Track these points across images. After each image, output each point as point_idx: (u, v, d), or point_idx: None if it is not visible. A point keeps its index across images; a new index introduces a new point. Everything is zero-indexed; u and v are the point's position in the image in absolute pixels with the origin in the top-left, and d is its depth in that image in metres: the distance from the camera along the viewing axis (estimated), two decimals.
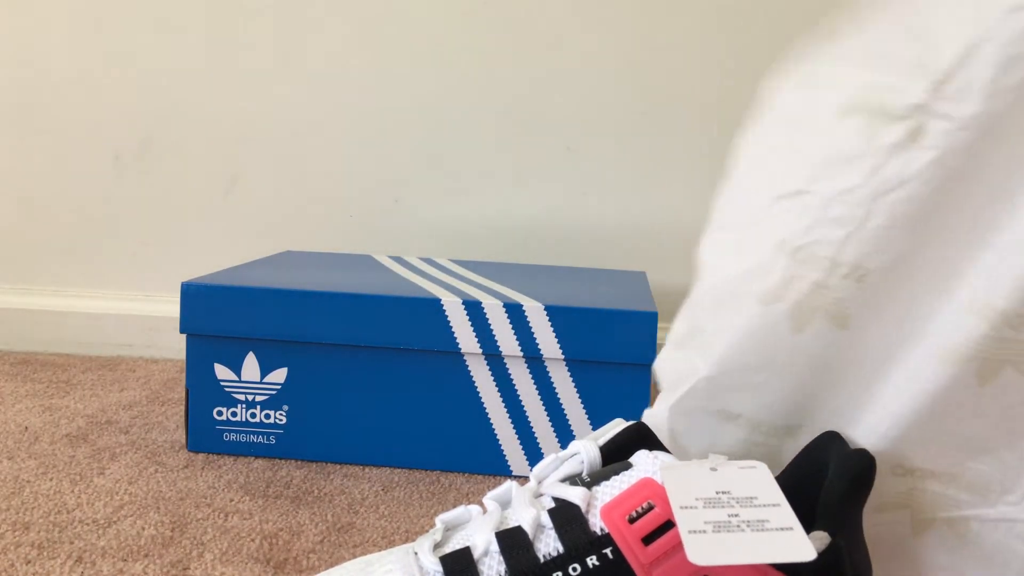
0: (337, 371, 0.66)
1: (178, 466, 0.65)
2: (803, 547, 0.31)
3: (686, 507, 0.32)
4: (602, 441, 0.40)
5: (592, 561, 0.33)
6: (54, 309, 0.97)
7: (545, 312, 0.64)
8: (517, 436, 0.66)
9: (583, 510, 0.34)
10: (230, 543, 0.53)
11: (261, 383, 0.67)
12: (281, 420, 0.67)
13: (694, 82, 0.92)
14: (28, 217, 0.97)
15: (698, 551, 0.31)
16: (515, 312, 0.64)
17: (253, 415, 0.67)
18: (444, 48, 0.93)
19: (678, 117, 0.93)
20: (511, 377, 0.66)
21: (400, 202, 0.96)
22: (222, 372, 0.67)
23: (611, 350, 0.64)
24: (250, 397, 0.67)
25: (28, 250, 0.98)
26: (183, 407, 0.79)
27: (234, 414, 0.67)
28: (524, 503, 0.36)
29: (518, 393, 0.66)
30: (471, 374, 0.66)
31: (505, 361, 0.65)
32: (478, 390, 0.66)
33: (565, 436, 0.66)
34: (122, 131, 0.95)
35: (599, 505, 0.34)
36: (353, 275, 0.74)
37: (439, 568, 0.34)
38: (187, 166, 0.96)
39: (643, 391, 0.64)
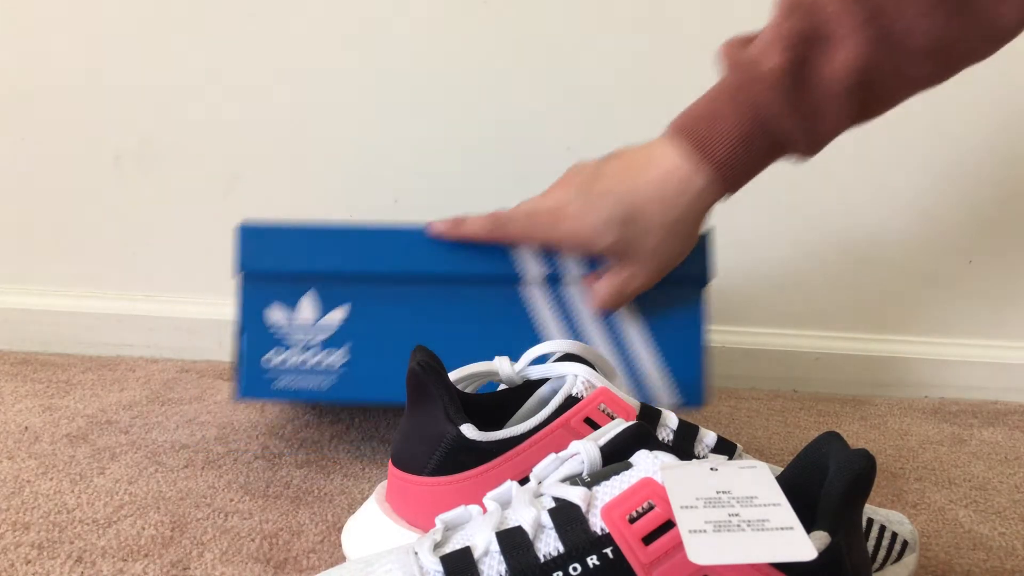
0: (395, 309, 0.65)
1: (178, 466, 0.65)
2: (803, 547, 0.31)
3: (686, 507, 0.32)
4: (602, 441, 0.40)
5: (592, 561, 0.33)
6: (54, 309, 0.97)
7: None
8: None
9: (583, 510, 0.34)
10: (230, 543, 0.53)
11: (317, 325, 0.65)
12: (337, 363, 0.65)
13: (695, 82, 0.92)
14: (28, 217, 0.97)
15: (698, 551, 0.31)
16: None
17: (308, 359, 0.65)
18: (444, 48, 0.93)
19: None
20: (569, 302, 0.65)
21: (400, 202, 0.96)
22: (276, 314, 0.65)
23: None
24: (306, 340, 0.65)
25: (28, 250, 0.98)
26: (182, 407, 0.79)
27: (288, 358, 0.65)
28: (524, 503, 0.36)
29: (577, 318, 0.65)
30: (531, 302, 0.65)
31: (564, 286, 0.65)
32: (538, 317, 0.65)
33: (627, 360, 0.65)
34: (122, 131, 0.95)
35: (599, 505, 0.34)
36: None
37: (439, 568, 0.34)
38: (187, 166, 0.96)
39: (697, 309, 0.65)
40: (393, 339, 0.65)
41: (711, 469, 0.35)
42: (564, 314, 0.65)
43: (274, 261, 0.65)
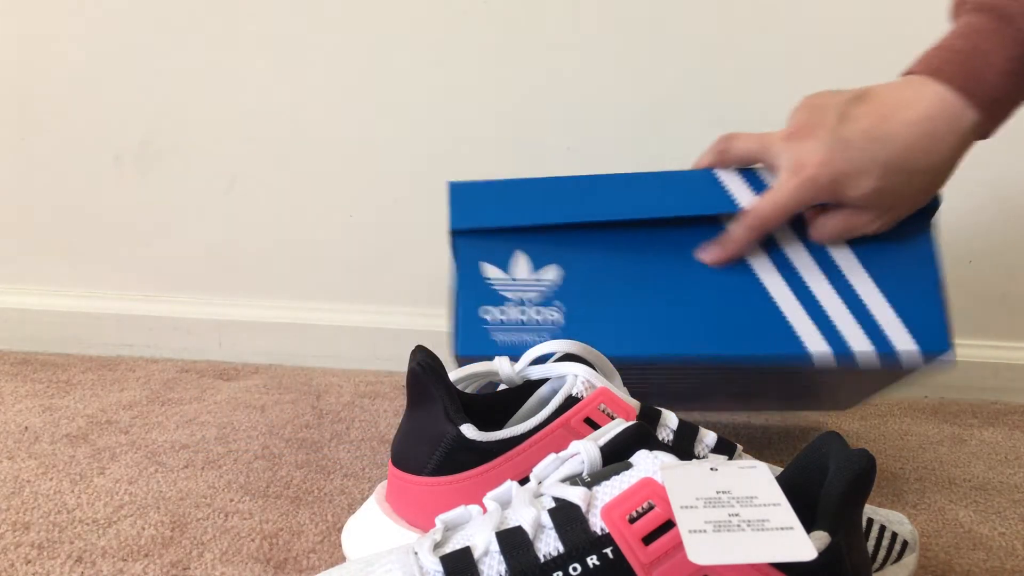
0: (610, 259, 0.63)
1: (178, 466, 0.65)
2: (803, 547, 0.31)
3: (686, 507, 0.32)
4: (602, 441, 0.40)
5: (592, 561, 0.33)
6: (54, 309, 0.97)
7: None
8: (806, 311, 0.62)
9: (583, 510, 0.34)
10: (230, 543, 0.53)
11: (532, 279, 0.63)
12: (556, 316, 0.63)
13: (695, 82, 0.92)
14: (28, 217, 0.97)
15: (698, 551, 0.31)
16: None
17: (525, 313, 0.63)
18: (444, 48, 0.93)
19: (679, 117, 0.93)
20: (788, 254, 0.63)
21: (400, 202, 0.96)
22: (490, 271, 0.63)
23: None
24: (522, 295, 0.63)
25: (28, 250, 0.98)
26: (182, 407, 0.79)
27: (504, 313, 0.63)
28: (524, 503, 0.36)
29: (797, 268, 0.62)
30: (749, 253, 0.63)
31: (778, 237, 0.62)
32: (756, 268, 0.63)
33: (855, 305, 0.62)
34: (122, 131, 0.95)
35: (599, 505, 0.34)
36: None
37: (439, 568, 0.34)
38: (187, 166, 0.96)
39: (928, 241, 0.62)
40: (610, 289, 0.63)
41: (711, 469, 0.35)
42: (782, 258, 0.63)
43: (486, 217, 0.64)
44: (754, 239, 0.61)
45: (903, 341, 0.61)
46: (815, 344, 0.62)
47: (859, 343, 0.61)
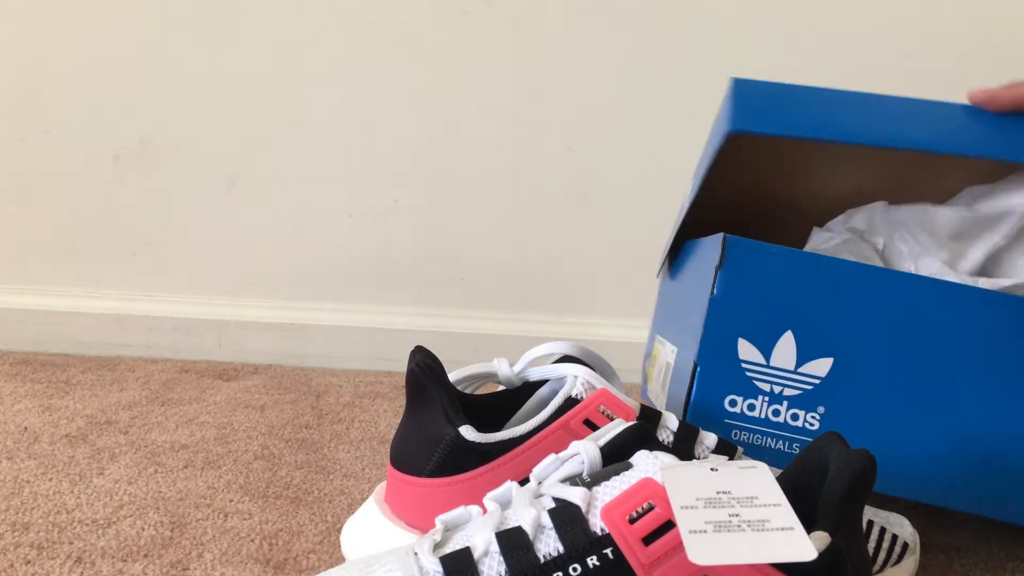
0: (898, 369, 0.51)
1: (177, 466, 0.65)
2: (804, 547, 0.31)
3: (686, 507, 0.32)
4: (602, 441, 0.40)
5: (592, 561, 0.33)
6: (54, 309, 0.97)
7: None
8: None
9: (583, 510, 0.34)
10: (230, 543, 0.53)
11: (796, 372, 0.52)
12: (813, 425, 0.52)
13: (695, 82, 0.92)
14: (28, 217, 0.97)
15: (698, 551, 0.31)
16: None
17: (777, 412, 0.52)
18: (444, 47, 0.93)
19: (679, 117, 0.93)
20: None
21: (400, 202, 0.96)
22: (747, 351, 0.52)
23: None
24: (778, 389, 0.52)
25: (28, 250, 0.98)
26: (181, 407, 0.79)
27: (752, 407, 0.52)
28: (524, 503, 0.36)
29: None
30: None
31: None
32: None
33: None
34: (122, 131, 0.95)
35: (599, 505, 0.34)
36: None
37: (439, 568, 0.34)
38: (187, 166, 0.96)
39: None
40: (883, 409, 0.51)
41: (711, 469, 0.35)
42: None
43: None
44: None
45: None
46: None
47: None
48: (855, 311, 0.51)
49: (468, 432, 0.46)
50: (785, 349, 0.52)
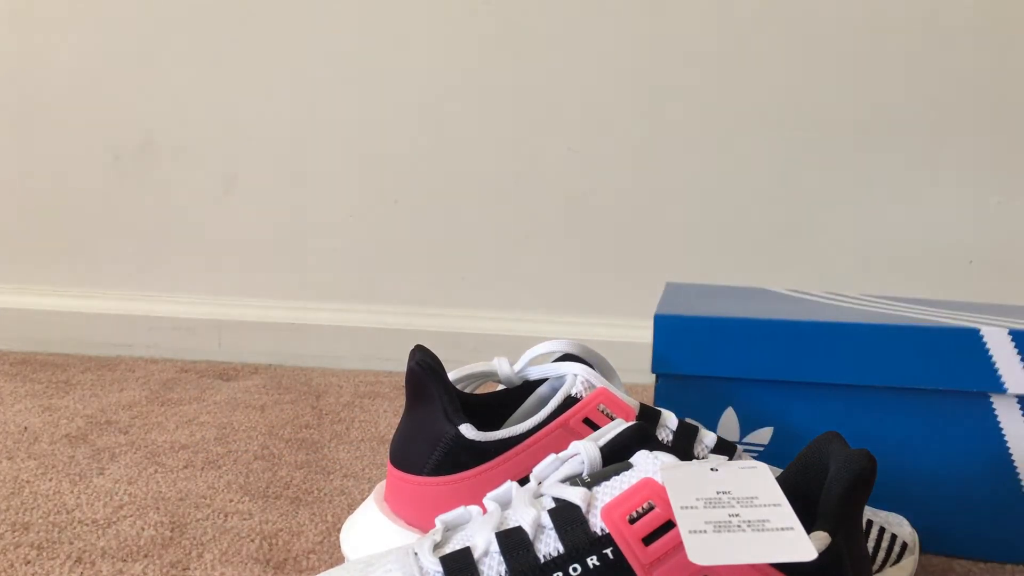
0: (836, 424, 0.55)
1: (178, 466, 0.65)
2: (803, 547, 0.31)
3: (686, 507, 0.32)
4: (602, 441, 0.40)
5: (592, 561, 0.33)
6: (54, 309, 0.97)
7: None
8: None
9: (583, 510, 0.34)
10: (230, 543, 0.53)
11: (740, 443, 0.56)
12: None
13: (695, 82, 0.92)
14: (28, 217, 0.97)
15: (698, 551, 0.31)
16: None
17: None
18: (444, 48, 0.93)
19: (679, 116, 0.93)
20: None
21: (400, 203, 0.96)
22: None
23: None
24: None
25: (28, 250, 0.98)
26: (182, 407, 0.79)
27: None
28: (524, 503, 0.36)
29: None
30: (1001, 424, 0.54)
31: None
32: (1010, 445, 0.54)
33: None
34: (122, 131, 0.95)
35: (599, 505, 0.34)
36: (820, 311, 0.59)
37: (439, 568, 0.34)
38: (187, 166, 0.96)
39: None
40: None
41: (711, 469, 0.35)
42: None
43: (693, 362, 0.55)
44: None
45: None
46: None
47: None
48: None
49: (468, 431, 0.46)
50: (729, 422, 0.56)
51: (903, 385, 0.54)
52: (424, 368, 0.48)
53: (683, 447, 0.50)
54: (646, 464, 0.35)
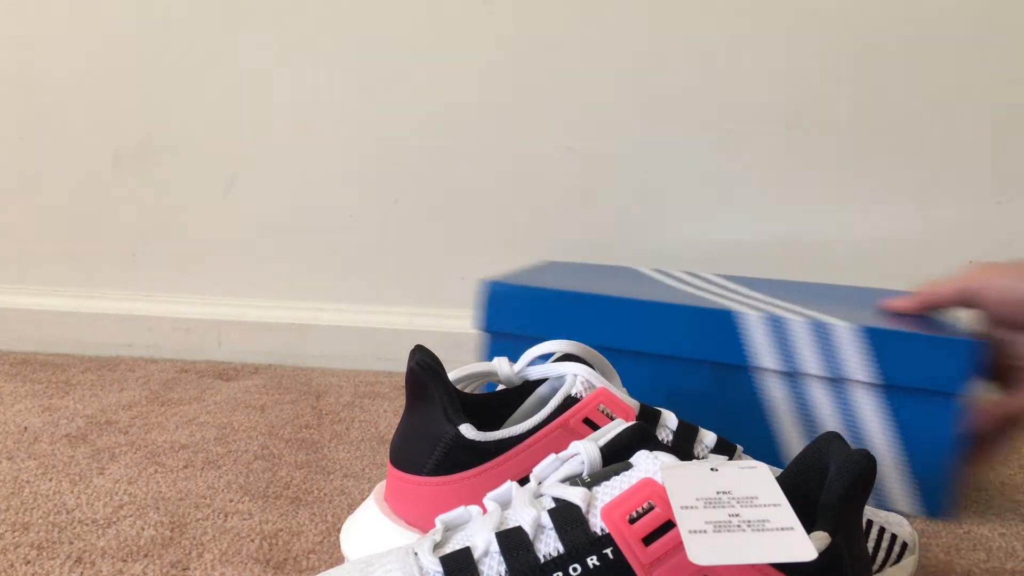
0: (627, 382, 0.65)
1: (178, 466, 0.65)
2: (804, 547, 0.31)
3: (687, 507, 0.32)
4: (602, 441, 0.40)
5: (592, 561, 0.33)
6: (54, 309, 0.97)
7: (856, 333, 0.61)
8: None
9: (583, 510, 0.34)
10: (230, 543, 0.53)
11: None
12: None
13: (695, 82, 0.92)
14: (28, 217, 0.97)
15: (698, 551, 0.31)
16: (821, 331, 0.62)
17: None
18: (444, 48, 0.93)
19: (679, 117, 0.93)
20: (809, 397, 0.64)
21: (400, 202, 0.96)
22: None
23: (922, 376, 0.60)
24: None
25: (28, 250, 0.98)
26: (182, 407, 0.79)
27: None
28: (524, 503, 0.36)
29: (816, 415, 0.64)
30: (767, 391, 0.65)
31: (803, 380, 0.64)
32: (775, 409, 0.65)
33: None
34: (122, 131, 0.95)
35: (599, 505, 0.34)
36: (640, 287, 0.72)
37: (439, 568, 0.34)
38: (187, 166, 0.96)
39: (951, 419, 0.61)
40: None
41: (711, 469, 0.35)
42: (801, 408, 0.64)
43: (516, 323, 0.68)
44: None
45: (904, 500, 0.63)
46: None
47: None
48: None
49: (468, 431, 0.46)
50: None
51: (680, 355, 0.65)
52: (424, 368, 0.48)
53: (683, 447, 0.50)
54: (646, 464, 0.35)
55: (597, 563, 0.33)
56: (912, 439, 0.62)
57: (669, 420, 0.51)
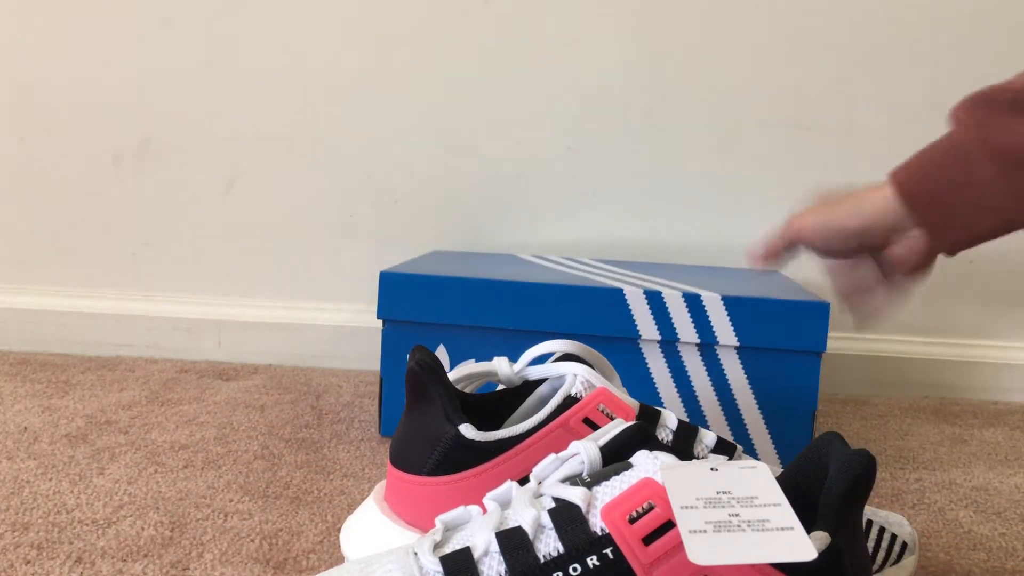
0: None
1: (177, 466, 0.65)
2: (803, 547, 0.31)
3: (686, 507, 0.32)
4: (602, 441, 0.40)
5: (592, 561, 0.33)
6: (54, 309, 0.97)
7: (722, 302, 0.68)
8: (691, 422, 0.68)
9: (583, 510, 0.34)
10: (230, 543, 0.53)
11: (449, 371, 0.68)
12: None
13: (695, 81, 0.92)
14: (28, 217, 0.97)
15: (698, 551, 0.31)
16: (693, 302, 0.68)
17: None
18: (444, 48, 0.93)
19: (679, 116, 0.93)
20: (684, 364, 0.69)
21: (400, 202, 0.96)
22: None
23: (784, 338, 0.68)
24: None
25: (28, 250, 0.98)
26: (181, 407, 0.79)
27: None
28: (524, 503, 0.36)
29: (691, 380, 0.69)
30: (646, 361, 0.70)
31: (679, 348, 0.69)
32: (653, 377, 0.70)
33: (735, 421, 0.69)
34: (122, 131, 0.95)
35: (599, 505, 0.34)
36: (525, 270, 0.77)
37: (439, 568, 0.34)
38: (187, 166, 0.96)
39: (812, 378, 0.68)
40: None
41: (711, 469, 0.35)
42: (677, 375, 0.70)
43: (412, 310, 0.71)
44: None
45: (767, 460, 0.68)
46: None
47: None
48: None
49: (468, 430, 0.46)
50: (440, 356, 0.70)
51: (568, 332, 0.69)
52: (424, 368, 0.48)
53: (683, 447, 0.50)
54: (646, 464, 0.35)
55: (597, 563, 0.33)
56: (774, 396, 0.68)
57: (669, 420, 0.51)
